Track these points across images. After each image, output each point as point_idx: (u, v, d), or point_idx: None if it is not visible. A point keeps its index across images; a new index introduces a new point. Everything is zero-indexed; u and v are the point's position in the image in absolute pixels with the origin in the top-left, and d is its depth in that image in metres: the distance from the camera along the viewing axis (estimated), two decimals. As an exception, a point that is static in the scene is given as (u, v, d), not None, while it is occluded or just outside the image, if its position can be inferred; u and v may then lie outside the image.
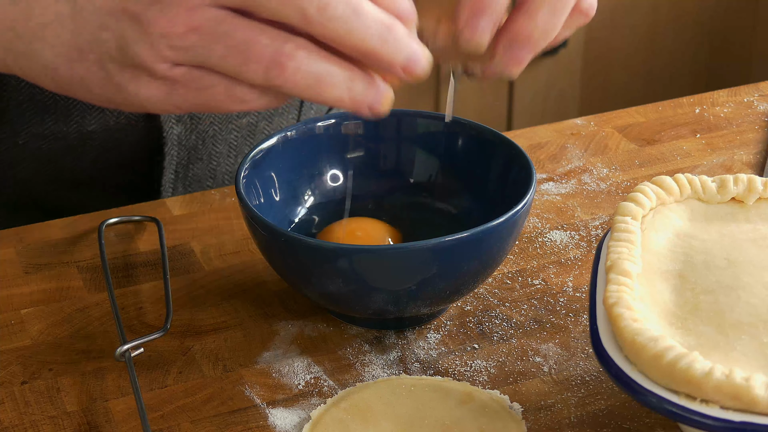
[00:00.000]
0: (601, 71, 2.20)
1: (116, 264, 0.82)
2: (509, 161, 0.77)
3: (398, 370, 0.72)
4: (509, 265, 0.81)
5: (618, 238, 0.68)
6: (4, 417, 0.69)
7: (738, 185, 0.72)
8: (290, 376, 0.72)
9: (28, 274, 0.82)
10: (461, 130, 0.81)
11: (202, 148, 0.97)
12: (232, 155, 1.00)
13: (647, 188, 0.71)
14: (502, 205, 0.78)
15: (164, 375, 0.72)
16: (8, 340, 0.75)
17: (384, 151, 0.83)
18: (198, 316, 0.77)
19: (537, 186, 0.90)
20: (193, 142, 0.96)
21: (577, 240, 0.84)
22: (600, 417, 0.68)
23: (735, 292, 0.64)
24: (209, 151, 0.97)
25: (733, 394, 0.57)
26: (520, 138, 0.97)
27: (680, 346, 0.60)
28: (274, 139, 0.79)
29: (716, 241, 0.69)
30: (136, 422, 0.68)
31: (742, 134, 0.98)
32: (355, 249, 0.69)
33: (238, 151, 1.00)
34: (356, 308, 0.73)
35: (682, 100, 1.03)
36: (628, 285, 0.64)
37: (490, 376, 0.72)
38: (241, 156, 1.00)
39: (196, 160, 0.98)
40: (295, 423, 0.68)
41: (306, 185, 0.81)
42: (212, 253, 0.83)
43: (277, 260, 0.73)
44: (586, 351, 0.73)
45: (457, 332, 0.75)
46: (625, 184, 0.91)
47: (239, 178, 0.75)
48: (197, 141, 0.96)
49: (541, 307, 0.77)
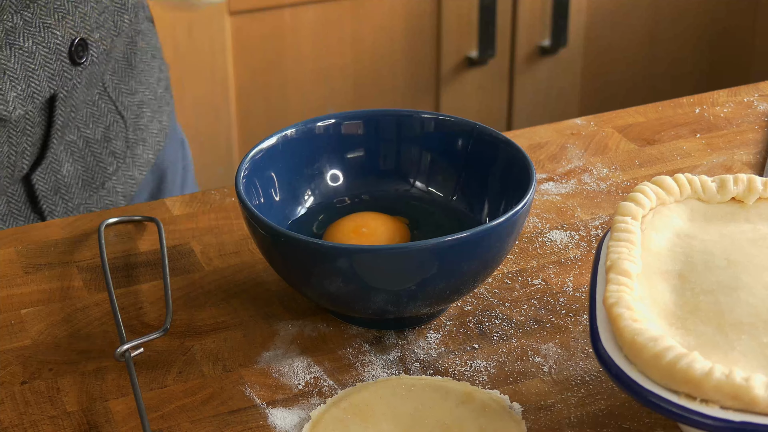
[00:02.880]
0: (601, 71, 2.20)
1: (116, 264, 0.82)
2: (509, 161, 0.77)
3: (398, 370, 0.72)
4: (509, 265, 0.81)
5: (618, 238, 0.68)
6: (4, 417, 0.69)
7: (738, 185, 0.72)
8: (290, 376, 0.72)
9: (28, 274, 0.82)
10: (461, 130, 0.81)
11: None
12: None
13: (647, 188, 0.71)
14: (502, 205, 0.78)
15: (164, 375, 0.72)
16: (8, 340, 0.75)
17: (384, 151, 0.83)
18: (198, 316, 0.77)
19: (537, 186, 0.90)
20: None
21: (577, 240, 0.84)
22: (600, 417, 0.68)
23: (735, 292, 0.64)
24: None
25: (733, 394, 0.57)
26: (520, 138, 0.97)
27: (680, 346, 0.60)
28: (273, 139, 0.79)
29: (716, 241, 0.69)
30: (136, 422, 0.69)
31: (742, 134, 0.98)
32: (355, 249, 0.69)
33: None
34: (356, 308, 0.73)
35: (682, 100, 1.03)
36: (628, 285, 0.64)
37: (490, 376, 0.72)
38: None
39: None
40: (295, 423, 0.68)
41: (306, 185, 0.82)
42: (212, 253, 0.83)
43: (277, 260, 0.73)
44: (586, 351, 0.73)
45: (457, 332, 0.75)
46: (625, 184, 0.91)
47: (239, 178, 0.75)
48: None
49: (541, 307, 0.77)
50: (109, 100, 0.99)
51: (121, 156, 1.02)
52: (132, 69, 1.01)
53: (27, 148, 0.92)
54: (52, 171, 0.95)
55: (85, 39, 0.90)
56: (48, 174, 0.95)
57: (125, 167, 1.03)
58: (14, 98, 0.87)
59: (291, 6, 1.92)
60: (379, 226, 0.78)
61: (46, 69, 0.88)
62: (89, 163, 0.99)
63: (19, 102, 0.87)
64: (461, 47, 2.07)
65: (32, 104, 0.89)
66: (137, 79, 1.02)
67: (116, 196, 1.03)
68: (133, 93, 1.02)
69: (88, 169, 0.99)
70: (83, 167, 0.98)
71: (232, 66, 1.92)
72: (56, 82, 0.90)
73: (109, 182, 1.01)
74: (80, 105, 0.95)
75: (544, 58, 2.13)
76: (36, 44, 0.87)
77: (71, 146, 0.96)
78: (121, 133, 1.01)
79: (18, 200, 0.95)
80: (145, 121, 1.04)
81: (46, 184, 0.95)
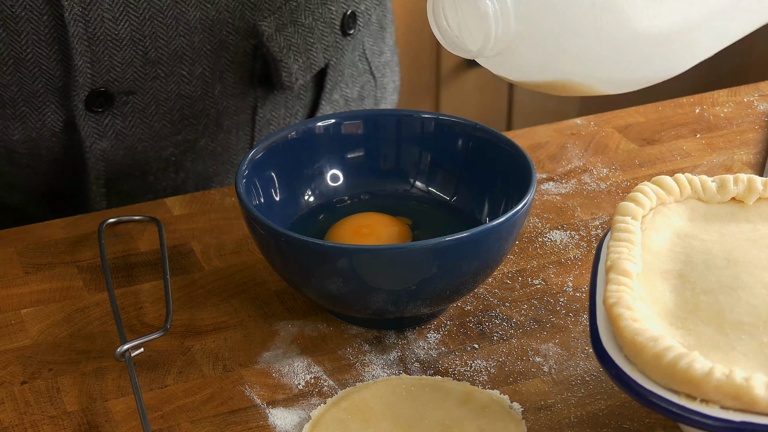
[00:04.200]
0: (601, 71, 2.19)
1: (116, 264, 0.82)
2: (509, 161, 0.77)
3: (398, 370, 0.72)
4: (509, 265, 0.81)
5: (618, 238, 0.67)
6: (4, 417, 0.69)
7: (738, 185, 0.72)
8: (290, 376, 0.72)
9: (28, 274, 0.82)
10: (461, 130, 0.81)
11: (132, 164, 0.96)
12: (171, 170, 0.98)
13: (647, 188, 0.71)
14: (502, 205, 0.78)
15: (164, 375, 0.72)
16: (8, 340, 0.75)
17: (384, 151, 0.83)
18: (198, 316, 0.77)
19: (537, 186, 0.90)
20: (121, 157, 0.94)
21: (577, 240, 0.84)
22: (600, 417, 0.68)
23: (735, 292, 0.64)
24: (141, 168, 0.96)
25: (733, 394, 0.57)
26: (520, 138, 0.97)
27: (680, 346, 0.60)
28: (274, 139, 0.79)
29: (716, 241, 0.69)
30: (136, 422, 0.69)
31: (742, 134, 0.98)
32: (355, 249, 0.69)
33: (179, 167, 0.99)
34: (356, 308, 0.73)
35: (682, 100, 1.03)
36: (628, 285, 0.64)
37: (490, 376, 0.72)
38: (183, 171, 0.99)
39: (127, 176, 0.96)
40: (295, 423, 0.68)
41: (306, 185, 0.82)
42: (212, 253, 0.83)
43: (277, 260, 0.73)
44: (586, 351, 0.73)
45: (457, 332, 0.75)
46: (625, 184, 0.91)
47: (239, 178, 0.75)
48: (125, 156, 0.94)
49: (541, 307, 0.77)
50: (366, 61, 1.06)
51: None
52: (383, 31, 1.08)
53: (300, 110, 1.00)
54: None
55: (354, 11, 0.97)
56: None
57: None
58: (296, 70, 0.94)
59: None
60: (380, 226, 0.78)
61: (322, 41, 0.95)
62: None
63: (300, 73, 0.94)
64: (461, 47, 2.07)
65: (310, 74, 0.96)
66: (385, 40, 1.09)
67: None
68: (381, 53, 1.09)
69: None
70: None
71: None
72: (330, 53, 0.96)
73: None
74: (345, 69, 1.02)
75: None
76: (315, 20, 0.94)
77: (334, 105, 1.03)
78: (371, 92, 1.08)
79: None
80: (387, 80, 1.11)
81: None
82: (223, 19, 0.88)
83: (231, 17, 0.89)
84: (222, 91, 0.93)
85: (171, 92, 0.91)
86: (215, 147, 0.98)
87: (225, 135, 0.97)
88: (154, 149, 0.95)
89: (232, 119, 0.96)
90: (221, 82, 0.92)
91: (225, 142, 0.98)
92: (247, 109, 0.96)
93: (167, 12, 0.86)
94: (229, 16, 0.89)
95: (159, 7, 0.86)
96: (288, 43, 0.92)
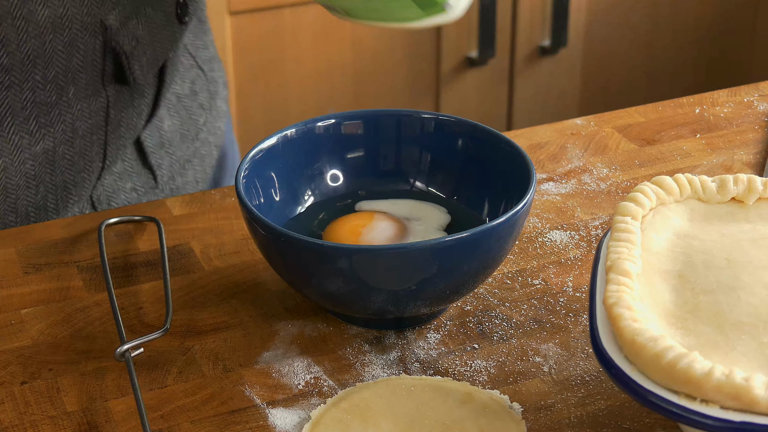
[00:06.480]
0: (601, 71, 2.20)
1: (116, 264, 0.82)
2: (509, 161, 0.77)
3: (398, 370, 0.72)
4: (509, 265, 0.81)
5: (618, 238, 0.68)
6: (4, 417, 0.69)
7: (738, 185, 0.72)
8: (290, 376, 0.72)
9: (28, 274, 0.82)
10: (461, 129, 0.81)
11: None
12: (32, 185, 0.93)
13: (647, 188, 0.71)
14: (502, 205, 0.78)
15: (164, 375, 0.72)
16: (8, 340, 0.75)
17: (384, 151, 0.83)
18: (198, 316, 0.77)
19: (537, 186, 0.90)
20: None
21: (577, 240, 0.84)
22: (600, 417, 0.68)
23: (735, 292, 0.64)
24: (3, 184, 0.91)
25: (733, 394, 0.57)
26: (520, 138, 0.97)
27: (680, 346, 0.60)
28: (274, 139, 0.79)
29: (716, 241, 0.69)
30: (136, 422, 0.69)
31: (742, 134, 0.98)
32: (355, 249, 0.69)
33: (39, 181, 0.93)
34: (356, 308, 0.73)
35: (682, 100, 1.03)
36: (628, 285, 0.64)
37: (490, 376, 0.72)
38: (43, 186, 0.93)
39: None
40: (295, 423, 0.69)
41: (306, 185, 0.82)
42: (212, 253, 0.83)
43: (277, 260, 0.73)
44: (586, 351, 0.73)
45: (457, 332, 0.75)
46: (625, 184, 0.91)
47: (239, 178, 0.75)
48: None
49: (541, 307, 0.77)
50: (190, 56, 1.05)
51: (207, 107, 1.08)
52: (203, 25, 1.08)
53: (144, 109, 0.99)
54: (156, 128, 1.01)
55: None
56: (153, 131, 1.01)
57: (212, 118, 1.09)
58: (146, 63, 0.94)
59: (291, 6, 1.92)
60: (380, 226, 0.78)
61: (164, 31, 0.95)
62: (183, 117, 1.05)
63: (149, 66, 0.94)
64: (461, 47, 2.07)
65: (157, 66, 0.96)
66: (207, 34, 1.09)
67: (209, 147, 1.08)
68: (205, 47, 1.08)
69: (183, 123, 1.05)
70: (179, 121, 1.04)
71: (232, 66, 1.92)
72: (171, 43, 0.96)
73: (202, 133, 1.07)
74: (176, 63, 1.01)
75: (544, 58, 2.14)
76: (154, 10, 0.93)
77: (167, 103, 1.02)
78: (204, 86, 1.07)
79: (131, 158, 1.01)
80: (216, 74, 1.10)
81: (153, 140, 1.02)
82: (71, 15, 0.87)
83: (79, 13, 0.87)
84: (75, 93, 0.91)
85: (26, 100, 0.88)
86: (72, 155, 0.94)
87: (80, 140, 0.94)
88: (14, 164, 0.91)
89: (87, 122, 0.93)
90: (74, 84, 0.90)
91: (81, 148, 0.94)
92: (100, 111, 0.94)
93: (16, 12, 0.84)
94: (77, 12, 0.87)
95: (7, 8, 0.84)
96: (134, 36, 0.92)
